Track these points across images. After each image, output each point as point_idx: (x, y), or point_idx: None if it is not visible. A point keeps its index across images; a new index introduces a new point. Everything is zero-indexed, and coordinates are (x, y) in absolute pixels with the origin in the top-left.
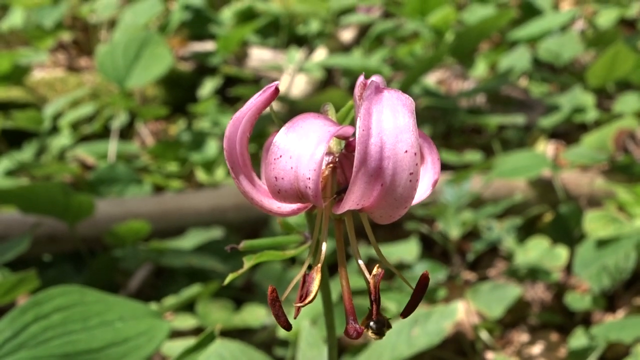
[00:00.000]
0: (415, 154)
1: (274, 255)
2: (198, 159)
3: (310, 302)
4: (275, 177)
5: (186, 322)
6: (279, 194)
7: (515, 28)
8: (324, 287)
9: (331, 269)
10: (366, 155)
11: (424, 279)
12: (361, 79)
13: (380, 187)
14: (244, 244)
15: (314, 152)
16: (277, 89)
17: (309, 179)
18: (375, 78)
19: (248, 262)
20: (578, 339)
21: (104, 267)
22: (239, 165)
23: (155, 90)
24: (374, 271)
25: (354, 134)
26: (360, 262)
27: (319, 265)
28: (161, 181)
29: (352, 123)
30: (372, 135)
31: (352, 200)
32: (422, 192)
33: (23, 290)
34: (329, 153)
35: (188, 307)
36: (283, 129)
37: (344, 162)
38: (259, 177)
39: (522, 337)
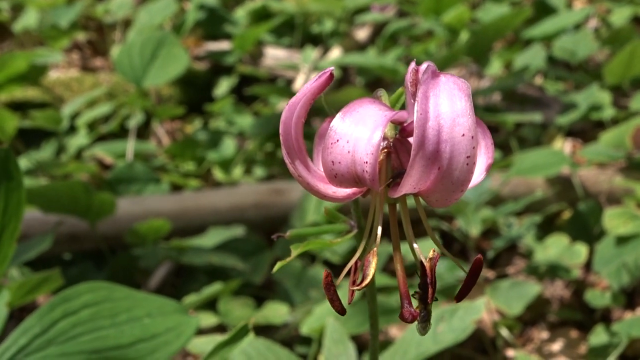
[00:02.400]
0: (472, 137)
1: (321, 244)
2: (215, 158)
3: (367, 285)
4: (332, 162)
5: (208, 319)
6: (336, 178)
7: (529, 26)
8: None
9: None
10: (424, 139)
11: (478, 262)
12: (413, 65)
13: (437, 170)
14: (290, 233)
15: (372, 136)
16: (332, 75)
17: (367, 162)
18: (428, 63)
19: (295, 250)
20: (598, 336)
21: (124, 265)
22: (295, 150)
23: (170, 90)
24: (430, 254)
25: (407, 119)
26: (416, 245)
27: (375, 249)
28: (179, 180)
29: (402, 109)
30: (430, 119)
31: (410, 184)
32: (476, 176)
33: (46, 289)
34: (384, 138)
35: (208, 305)
36: (339, 114)
37: (398, 147)
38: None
39: (542, 334)
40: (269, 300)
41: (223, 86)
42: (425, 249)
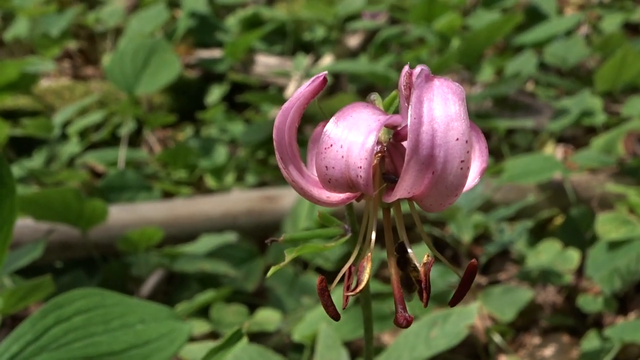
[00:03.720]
0: (466, 141)
1: (315, 248)
2: (207, 166)
3: (361, 290)
4: (326, 167)
5: (200, 327)
6: (330, 183)
7: (520, 33)
8: None
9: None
10: (418, 143)
11: (471, 267)
12: (406, 68)
13: (431, 175)
14: (284, 237)
15: (365, 140)
16: (325, 79)
17: (360, 167)
18: (422, 67)
19: (289, 255)
20: (591, 341)
21: (116, 273)
22: (288, 155)
23: (162, 98)
24: (424, 259)
25: (401, 123)
26: (410, 250)
27: (369, 254)
28: (170, 188)
29: (396, 112)
30: (424, 123)
31: (404, 189)
32: (470, 181)
33: (38, 297)
34: (377, 142)
35: (201, 312)
36: (333, 118)
37: (392, 151)
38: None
39: (535, 339)
40: (261, 307)
41: (214, 94)
42: (419, 255)
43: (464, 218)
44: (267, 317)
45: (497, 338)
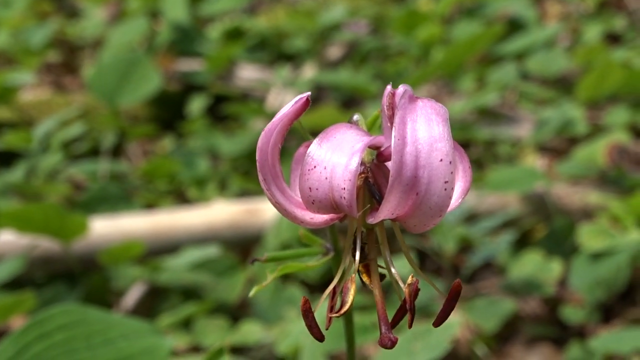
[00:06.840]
0: (450, 162)
1: (297, 267)
2: (189, 177)
3: (346, 312)
4: (310, 188)
5: (182, 340)
6: (313, 204)
7: (501, 43)
8: None
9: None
10: (402, 165)
11: (456, 287)
12: (389, 88)
13: (415, 196)
14: (266, 256)
15: (349, 162)
16: (307, 100)
17: (344, 189)
18: (405, 87)
19: (272, 274)
20: (574, 351)
21: (98, 286)
22: (271, 176)
23: (145, 110)
24: (409, 280)
25: (384, 144)
26: (394, 271)
27: (354, 275)
28: (152, 199)
29: (379, 132)
30: (408, 144)
31: (388, 210)
32: (454, 201)
33: (19, 311)
34: (361, 163)
35: (183, 325)
36: (316, 139)
37: (375, 172)
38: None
39: (518, 350)
40: (244, 320)
41: (195, 105)
42: (399, 267)
43: (448, 230)
44: (250, 330)
45: (480, 349)
